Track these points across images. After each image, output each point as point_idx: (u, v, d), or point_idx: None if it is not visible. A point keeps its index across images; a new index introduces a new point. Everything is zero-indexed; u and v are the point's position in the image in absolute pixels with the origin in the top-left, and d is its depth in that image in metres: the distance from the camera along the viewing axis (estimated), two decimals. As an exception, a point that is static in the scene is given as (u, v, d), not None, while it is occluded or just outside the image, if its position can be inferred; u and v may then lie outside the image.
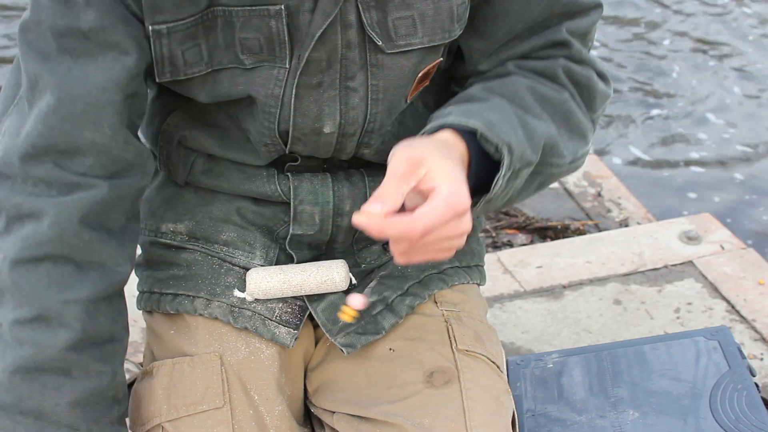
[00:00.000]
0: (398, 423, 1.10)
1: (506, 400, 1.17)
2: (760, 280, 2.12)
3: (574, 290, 2.11)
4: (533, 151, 1.04)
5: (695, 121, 3.64)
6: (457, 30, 1.10)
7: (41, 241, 1.01)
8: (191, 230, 1.24)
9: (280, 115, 1.09)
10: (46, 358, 1.02)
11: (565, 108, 1.12)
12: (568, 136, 1.12)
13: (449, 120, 1.00)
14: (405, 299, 1.21)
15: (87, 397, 1.04)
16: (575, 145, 1.13)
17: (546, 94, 1.11)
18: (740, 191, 3.21)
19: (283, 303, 1.19)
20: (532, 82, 1.11)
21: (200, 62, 1.05)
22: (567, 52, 1.14)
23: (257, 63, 1.05)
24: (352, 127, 1.12)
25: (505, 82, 1.11)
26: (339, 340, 1.17)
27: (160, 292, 1.22)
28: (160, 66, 1.05)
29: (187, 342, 1.18)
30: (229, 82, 1.07)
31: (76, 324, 1.02)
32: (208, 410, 1.11)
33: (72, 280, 1.03)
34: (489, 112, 1.02)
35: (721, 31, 4.31)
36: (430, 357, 1.17)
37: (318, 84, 1.07)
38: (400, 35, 1.06)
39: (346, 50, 1.05)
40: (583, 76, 1.15)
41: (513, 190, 1.06)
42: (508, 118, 1.03)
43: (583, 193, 2.62)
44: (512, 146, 1.00)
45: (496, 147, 0.99)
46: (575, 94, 1.14)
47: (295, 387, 1.22)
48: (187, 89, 1.10)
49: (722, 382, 1.38)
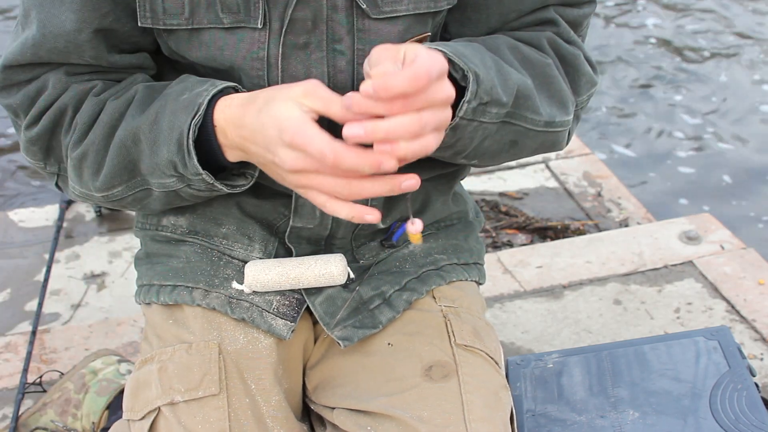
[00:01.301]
0: (397, 416, 1.10)
1: (504, 396, 1.17)
2: (760, 280, 2.12)
3: (574, 290, 2.11)
4: (504, 92, 1.03)
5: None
6: (444, 2, 1.11)
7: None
8: (191, 223, 1.25)
9: (269, 76, 1.10)
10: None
11: (547, 72, 1.12)
12: (547, 99, 1.11)
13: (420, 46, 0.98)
14: (402, 294, 1.22)
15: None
16: (553, 110, 1.12)
17: (528, 55, 1.11)
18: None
19: (281, 295, 1.20)
20: (515, 43, 1.12)
21: (180, 15, 1.07)
22: (555, 29, 1.16)
23: (235, 23, 1.07)
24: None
25: (489, 38, 1.12)
26: (336, 333, 1.18)
27: (159, 284, 1.23)
28: (141, 9, 1.08)
29: (186, 331, 1.18)
30: (214, 45, 1.09)
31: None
32: (204, 397, 1.12)
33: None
34: (463, 47, 1.02)
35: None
36: (429, 351, 1.18)
37: (305, 44, 1.08)
38: (386, 2, 1.08)
39: (331, 11, 1.07)
40: (569, 52, 1.15)
41: (483, 134, 1.05)
42: (481, 57, 1.03)
43: (583, 193, 2.62)
44: (480, 76, 0.99)
45: (463, 72, 0.99)
46: (559, 66, 1.15)
47: (293, 381, 1.22)
48: (175, 43, 1.11)
49: (722, 382, 1.38)
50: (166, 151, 1.02)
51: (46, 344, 1.95)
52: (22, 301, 2.13)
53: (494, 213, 2.51)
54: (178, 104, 1.02)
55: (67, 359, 1.90)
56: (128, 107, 1.07)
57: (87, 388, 1.65)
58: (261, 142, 0.96)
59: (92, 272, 2.24)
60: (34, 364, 1.88)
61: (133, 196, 1.11)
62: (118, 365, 1.69)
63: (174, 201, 1.11)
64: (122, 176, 1.09)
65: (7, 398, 1.81)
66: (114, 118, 1.07)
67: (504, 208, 2.52)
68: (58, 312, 2.09)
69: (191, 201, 1.12)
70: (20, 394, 1.73)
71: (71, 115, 1.10)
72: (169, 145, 1.01)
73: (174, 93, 1.05)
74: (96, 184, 1.10)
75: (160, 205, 1.13)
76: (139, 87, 1.10)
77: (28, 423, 1.66)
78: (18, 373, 1.86)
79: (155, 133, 1.03)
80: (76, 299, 2.14)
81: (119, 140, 1.06)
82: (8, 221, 2.44)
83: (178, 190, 1.07)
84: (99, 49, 1.09)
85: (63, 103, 1.10)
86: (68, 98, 1.10)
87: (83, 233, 2.39)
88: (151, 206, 1.14)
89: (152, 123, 1.04)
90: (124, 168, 1.08)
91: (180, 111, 1.01)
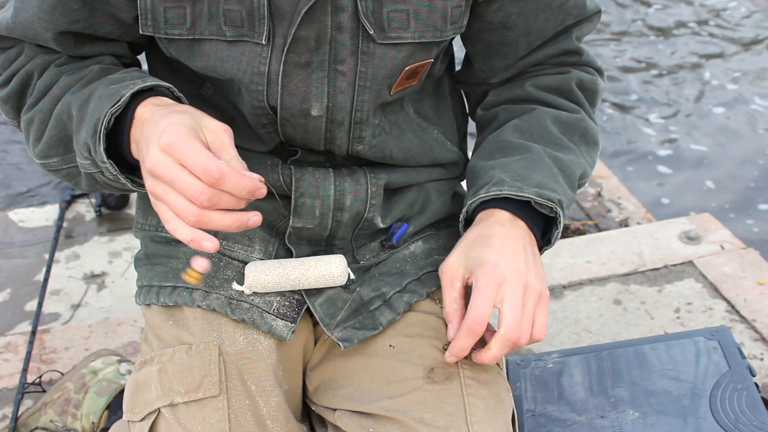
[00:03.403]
0: (399, 418, 1.10)
1: (506, 398, 1.17)
2: (760, 280, 2.12)
3: (574, 290, 2.11)
4: (572, 190, 1.19)
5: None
6: (450, 32, 1.13)
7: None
8: (191, 224, 1.25)
9: (268, 92, 1.11)
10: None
11: (583, 126, 1.24)
12: (588, 152, 1.24)
13: (504, 191, 1.12)
14: (403, 296, 1.22)
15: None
16: (593, 155, 1.27)
17: (567, 121, 1.23)
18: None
19: (281, 296, 1.20)
20: (554, 112, 1.23)
21: (182, 25, 1.08)
22: (578, 59, 1.27)
23: (238, 37, 1.07)
24: (340, 114, 1.13)
25: (533, 120, 1.22)
26: (336, 334, 1.18)
27: (159, 285, 1.23)
28: (143, 17, 1.09)
29: (186, 332, 1.18)
30: (215, 57, 1.09)
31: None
32: (204, 398, 1.12)
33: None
34: (533, 171, 1.15)
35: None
36: (431, 353, 1.17)
37: (307, 63, 1.09)
38: (392, 27, 1.09)
39: (336, 33, 1.07)
40: (591, 82, 1.26)
41: None
42: (551, 171, 1.16)
43: (583, 193, 2.62)
44: (563, 202, 1.14)
45: (550, 209, 1.13)
46: (586, 105, 1.26)
47: (293, 382, 1.22)
48: (176, 51, 1.12)
49: (722, 382, 1.38)
50: (85, 132, 1.03)
51: (46, 344, 1.95)
52: (22, 301, 2.13)
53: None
54: (107, 90, 1.04)
55: (67, 359, 1.90)
56: (77, 83, 1.10)
57: (87, 388, 1.65)
58: (146, 136, 0.96)
59: (92, 272, 2.24)
60: (34, 364, 1.88)
61: (67, 171, 1.14)
62: (118, 365, 1.69)
63: (96, 186, 1.12)
64: (57, 148, 1.11)
65: (6, 398, 1.81)
66: (62, 91, 1.10)
67: (504, 208, 2.52)
68: (58, 312, 2.09)
69: (112, 190, 1.13)
70: (20, 394, 1.73)
71: (36, 80, 1.14)
72: (88, 127, 1.03)
73: (111, 79, 1.07)
74: (36, 150, 1.13)
75: (87, 186, 1.15)
76: (94, 68, 1.12)
77: (28, 423, 1.66)
78: (18, 373, 1.86)
79: (82, 112, 1.05)
80: (76, 299, 2.14)
81: (58, 113, 1.09)
82: (8, 221, 2.44)
83: (94, 175, 1.07)
84: (65, 45, 1.13)
85: (30, 69, 1.14)
86: (35, 65, 1.14)
87: (83, 233, 2.39)
88: (80, 185, 1.15)
89: (83, 102, 1.06)
90: (60, 141, 1.11)
91: (105, 97, 1.03)
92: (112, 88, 1.03)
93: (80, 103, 1.06)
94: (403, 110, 1.24)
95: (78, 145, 1.06)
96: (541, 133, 1.21)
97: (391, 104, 1.21)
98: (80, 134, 1.05)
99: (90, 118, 1.03)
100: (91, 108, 1.04)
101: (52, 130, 1.10)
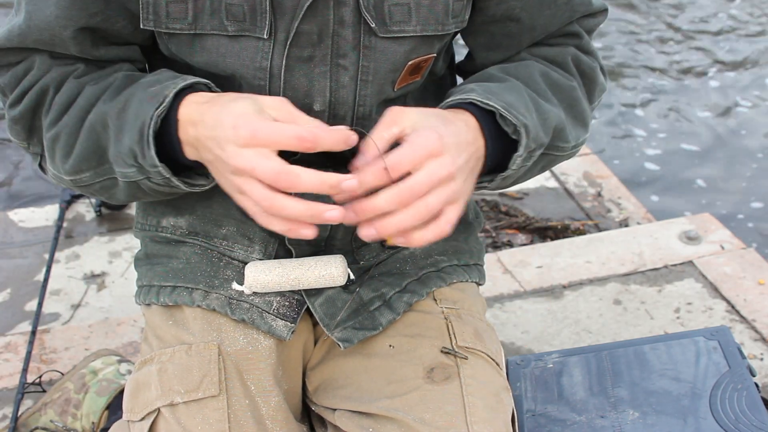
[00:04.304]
0: (399, 418, 1.10)
1: (506, 397, 1.17)
2: (760, 280, 2.12)
3: (574, 290, 2.11)
4: (545, 134, 1.11)
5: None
6: (452, 25, 1.13)
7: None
8: (191, 224, 1.25)
9: (270, 87, 1.10)
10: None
11: (573, 96, 1.19)
12: (573, 123, 1.19)
13: (471, 96, 1.05)
14: (403, 296, 1.22)
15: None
16: (578, 132, 1.20)
17: (557, 81, 1.17)
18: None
19: (281, 296, 1.20)
20: (545, 68, 1.18)
21: (183, 20, 1.07)
22: (577, 42, 1.23)
23: (239, 31, 1.07)
24: (342, 108, 1.13)
25: (521, 66, 1.17)
26: (336, 334, 1.18)
27: (159, 285, 1.23)
28: (144, 11, 1.08)
29: (185, 332, 1.18)
30: (216, 52, 1.09)
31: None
32: (204, 398, 1.12)
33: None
34: (507, 93, 1.08)
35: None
36: (431, 353, 1.17)
37: (309, 58, 1.09)
38: (394, 21, 1.09)
39: (338, 27, 1.07)
40: (589, 67, 1.22)
41: (524, 169, 1.12)
42: (524, 101, 1.09)
43: (583, 193, 2.62)
44: (528, 127, 1.06)
45: (514, 127, 1.05)
46: (581, 83, 1.21)
47: (293, 382, 1.22)
48: (176, 46, 1.11)
49: (722, 382, 1.38)
50: (129, 139, 1.02)
51: (46, 344, 1.95)
52: (22, 301, 2.13)
53: (494, 213, 2.51)
54: (146, 94, 1.02)
55: (66, 359, 1.90)
56: (105, 91, 1.08)
57: (87, 388, 1.65)
58: (215, 137, 0.96)
59: (92, 272, 2.24)
60: (34, 364, 1.88)
61: (101, 184, 1.11)
62: (118, 365, 1.69)
63: (137, 194, 1.10)
64: (90, 161, 1.08)
65: (6, 398, 1.81)
66: (89, 102, 1.07)
67: (504, 208, 2.52)
68: (58, 312, 2.09)
69: (154, 197, 1.12)
70: (20, 394, 1.73)
71: (52, 95, 1.10)
72: (131, 133, 1.01)
73: (146, 83, 1.05)
74: (66, 167, 1.10)
75: (125, 197, 1.13)
76: (118, 75, 1.10)
77: (28, 423, 1.66)
78: (18, 373, 1.86)
79: (122, 120, 1.03)
80: (76, 299, 2.14)
81: (90, 124, 1.06)
82: (8, 221, 2.44)
83: (139, 182, 1.06)
84: (84, 44, 1.10)
85: (45, 84, 1.10)
86: (50, 79, 1.10)
87: (83, 233, 2.39)
88: (117, 196, 1.13)
89: (120, 110, 1.04)
90: (93, 153, 1.08)
91: (147, 101, 1.01)
92: (152, 91, 1.02)
93: (118, 111, 1.04)
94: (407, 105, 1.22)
95: (121, 154, 1.03)
96: (525, 79, 1.14)
97: (395, 101, 1.20)
98: (122, 142, 1.03)
99: (133, 123, 1.01)
100: (132, 113, 1.02)
101: (85, 143, 1.07)
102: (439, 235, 0.97)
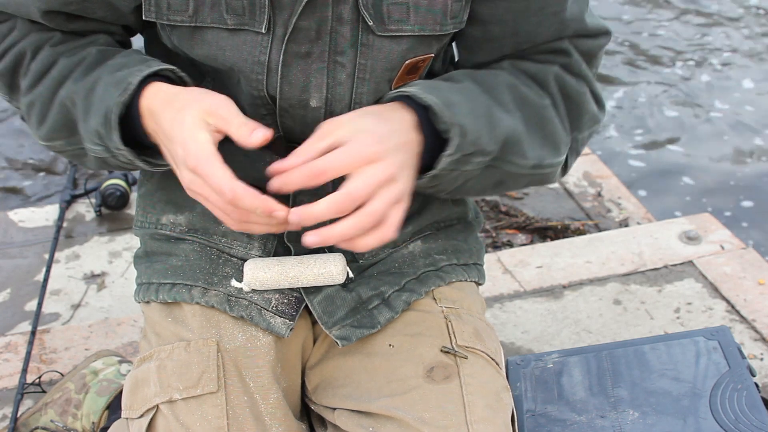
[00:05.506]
0: (399, 417, 1.10)
1: (506, 397, 1.17)
2: (760, 280, 2.12)
3: (574, 290, 2.11)
4: (491, 141, 1.05)
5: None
6: (450, 26, 1.12)
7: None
8: (191, 221, 1.26)
9: (268, 82, 1.11)
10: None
11: (542, 114, 1.13)
12: (539, 142, 1.13)
13: (410, 90, 1.03)
14: (401, 295, 1.22)
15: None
16: (543, 152, 1.13)
17: (525, 96, 1.12)
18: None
19: (280, 294, 1.20)
20: (516, 81, 1.13)
21: (184, 12, 1.08)
22: (565, 61, 1.16)
23: (239, 25, 1.08)
24: (338, 105, 1.13)
25: (489, 74, 1.13)
26: (334, 332, 1.18)
27: (158, 282, 1.23)
28: (146, 3, 1.09)
29: (184, 329, 1.18)
30: (216, 45, 1.10)
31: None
32: (202, 395, 1.12)
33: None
34: (454, 92, 1.05)
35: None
36: (430, 352, 1.17)
37: (307, 53, 1.09)
38: (392, 20, 1.09)
39: (336, 24, 1.08)
40: (575, 90, 1.16)
41: (465, 177, 1.08)
42: (472, 104, 1.05)
43: (583, 193, 2.62)
44: (465, 128, 1.02)
45: (447, 126, 1.01)
46: (560, 105, 1.15)
47: (292, 380, 1.22)
48: (178, 39, 1.12)
49: (722, 382, 1.38)
50: (94, 121, 1.05)
51: (46, 344, 1.95)
52: (22, 301, 2.13)
53: (494, 213, 2.51)
54: (113, 78, 1.05)
55: (66, 359, 1.90)
56: (77, 67, 1.10)
57: (87, 389, 1.65)
58: (170, 150, 1.01)
59: (92, 272, 2.24)
60: (34, 365, 1.88)
61: (72, 152, 1.15)
62: (119, 366, 1.69)
63: (105, 166, 1.15)
64: (62, 132, 1.12)
65: (6, 398, 1.81)
66: (62, 75, 1.10)
67: (504, 207, 2.52)
68: (58, 312, 2.09)
69: (122, 170, 1.15)
70: (20, 394, 1.73)
71: (28, 60, 1.14)
72: (97, 116, 1.04)
73: (114, 66, 1.08)
74: (40, 133, 1.15)
75: (95, 167, 1.17)
76: (92, 50, 1.12)
77: (29, 423, 1.66)
78: (18, 373, 1.86)
79: (88, 101, 1.06)
80: (76, 299, 2.14)
81: (61, 99, 1.10)
82: (8, 221, 2.44)
83: (106, 159, 1.09)
84: (57, 21, 1.13)
85: (23, 47, 1.14)
86: (27, 44, 1.14)
87: (83, 233, 2.39)
88: (88, 165, 1.17)
89: (88, 91, 1.07)
90: (64, 125, 1.11)
91: (112, 86, 1.04)
92: (118, 76, 1.04)
93: (85, 92, 1.07)
94: None
95: (87, 132, 1.07)
96: (488, 86, 1.09)
97: None
98: (89, 122, 1.06)
99: (98, 106, 1.04)
100: (98, 97, 1.05)
101: (56, 115, 1.11)
102: (383, 240, 0.97)
